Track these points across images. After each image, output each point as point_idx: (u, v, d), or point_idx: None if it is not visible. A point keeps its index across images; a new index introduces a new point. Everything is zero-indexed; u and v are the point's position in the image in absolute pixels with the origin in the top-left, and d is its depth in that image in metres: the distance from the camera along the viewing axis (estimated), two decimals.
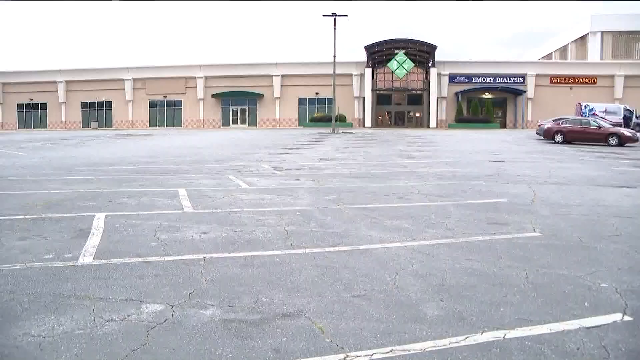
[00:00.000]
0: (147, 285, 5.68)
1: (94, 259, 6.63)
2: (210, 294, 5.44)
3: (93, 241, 7.49)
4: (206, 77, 66.50)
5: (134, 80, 67.61)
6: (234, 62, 68.01)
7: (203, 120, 67.42)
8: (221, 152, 25.07)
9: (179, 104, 68.03)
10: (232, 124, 67.09)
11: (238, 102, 67.00)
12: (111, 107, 68.82)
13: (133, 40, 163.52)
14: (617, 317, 4.91)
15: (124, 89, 67.71)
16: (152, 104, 68.27)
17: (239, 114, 67.47)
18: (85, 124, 68.74)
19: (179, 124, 67.85)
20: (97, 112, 69.13)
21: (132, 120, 68.31)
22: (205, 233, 8.08)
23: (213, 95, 66.34)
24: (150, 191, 12.31)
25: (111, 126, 68.05)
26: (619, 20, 71.15)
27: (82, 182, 13.84)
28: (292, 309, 5.04)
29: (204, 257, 6.72)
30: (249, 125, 66.52)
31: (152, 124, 68.08)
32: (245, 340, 4.36)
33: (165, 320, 4.73)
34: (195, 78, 66.60)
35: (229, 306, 5.11)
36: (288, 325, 4.66)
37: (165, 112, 68.49)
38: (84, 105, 69.09)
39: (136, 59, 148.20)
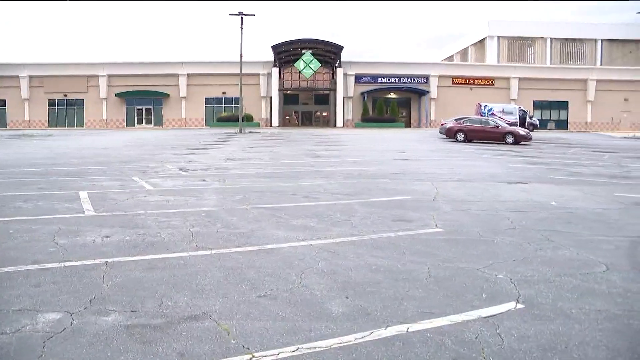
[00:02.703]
0: (43, 293, 5.41)
1: None
2: (113, 299, 5.26)
3: None
4: (109, 76, 64.24)
5: (31, 77, 64.23)
6: (138, 61, 66.02)
7: (106, 120, 65.11)
8: (125, 152, 24.31)
9: (80, 103, 65.30)
10: (137, 124, 65.21)
11: (143, 102, 65.17)
12: (5, 106, 65.02)
13: (30, 36, 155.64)
14: (511, 305, 5.18)
15: (20, 87, 64.17)
16: (52, 103, 65.13)
17: (144, 113, 65.66)
18: None
19: (80, 124, 65.16)
20: None
21: (29, 120, 64.89)
22: (107, 237, 7.81)
23: (117, 95, 64.19)
24: (49, 194, 11.76)
25: (5, 126, 64.29)
26: (514, 26, 75.42)
27: None
28: (197, 312, 4.96)
29: (106, 262, 6.50)
30: (154, 125, 64.88)
31: (52, 124, 64.98)
32: (149, 345, 4.25)
33: (63, 330, 4.52)
34: (97, 76, 64.15)
35: (132, 311, 4.96)
36: (193, 328, 4.58)
37: (66, 112, 65.55)
38: None
39: (33, 56, 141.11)
